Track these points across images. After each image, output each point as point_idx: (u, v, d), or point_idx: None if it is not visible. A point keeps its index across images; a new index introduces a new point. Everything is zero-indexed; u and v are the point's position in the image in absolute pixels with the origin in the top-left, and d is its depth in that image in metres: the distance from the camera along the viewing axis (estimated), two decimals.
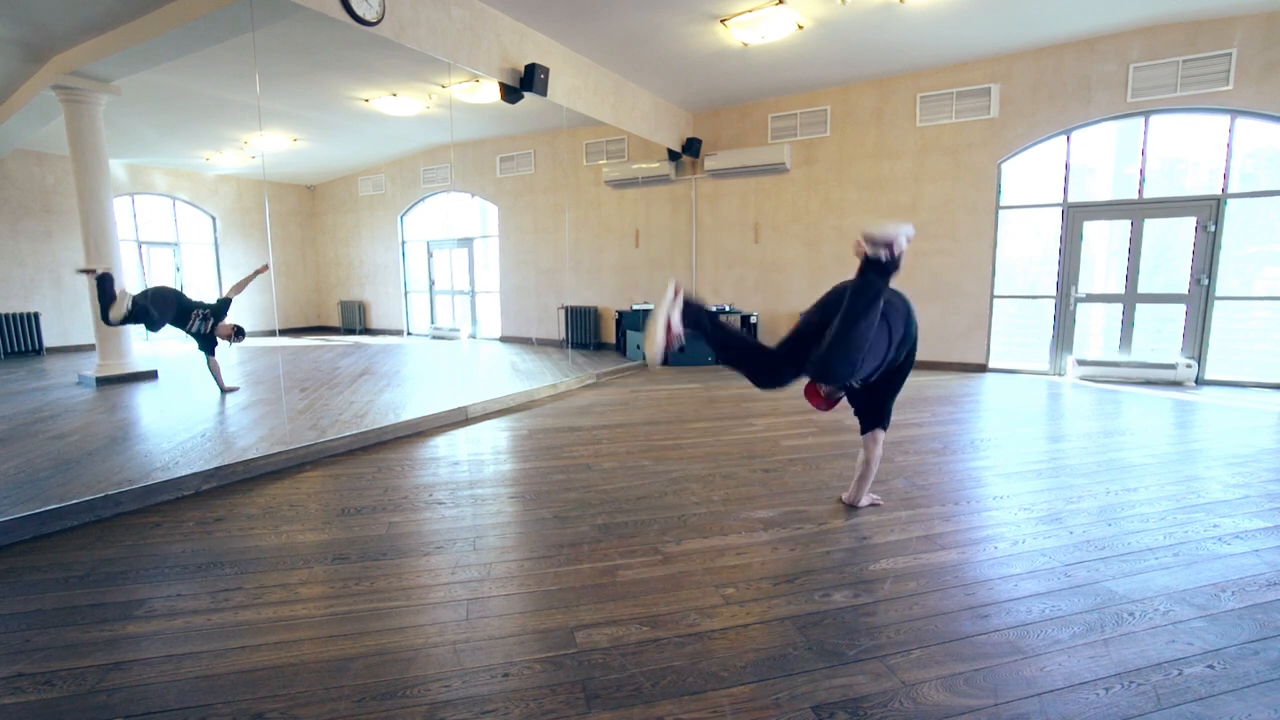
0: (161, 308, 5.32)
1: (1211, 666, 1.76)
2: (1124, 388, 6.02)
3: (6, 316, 8.66)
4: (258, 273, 5.53)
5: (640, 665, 1.80)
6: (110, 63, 5.36)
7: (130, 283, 6.37)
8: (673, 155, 8.35)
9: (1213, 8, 5.45)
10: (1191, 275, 6.08)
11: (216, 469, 3.46)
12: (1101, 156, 6.82)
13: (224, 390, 5.66)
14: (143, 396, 5.68)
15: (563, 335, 9.65)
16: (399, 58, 5.94)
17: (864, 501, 2.98)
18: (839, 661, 1.81)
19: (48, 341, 9.09)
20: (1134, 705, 1.61)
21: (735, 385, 6.46)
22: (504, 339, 10.49)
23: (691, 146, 8.32)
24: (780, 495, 3.18)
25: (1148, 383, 6.17)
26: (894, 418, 4.81)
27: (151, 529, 2.86)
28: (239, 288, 5.50)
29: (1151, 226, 6.28)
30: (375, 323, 12.30)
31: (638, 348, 8.14)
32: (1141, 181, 6.23)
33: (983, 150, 6.79)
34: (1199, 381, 6.09)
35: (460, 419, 4.96)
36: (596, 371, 7.03)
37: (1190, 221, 6.07)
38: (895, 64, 6.77)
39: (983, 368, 7.07)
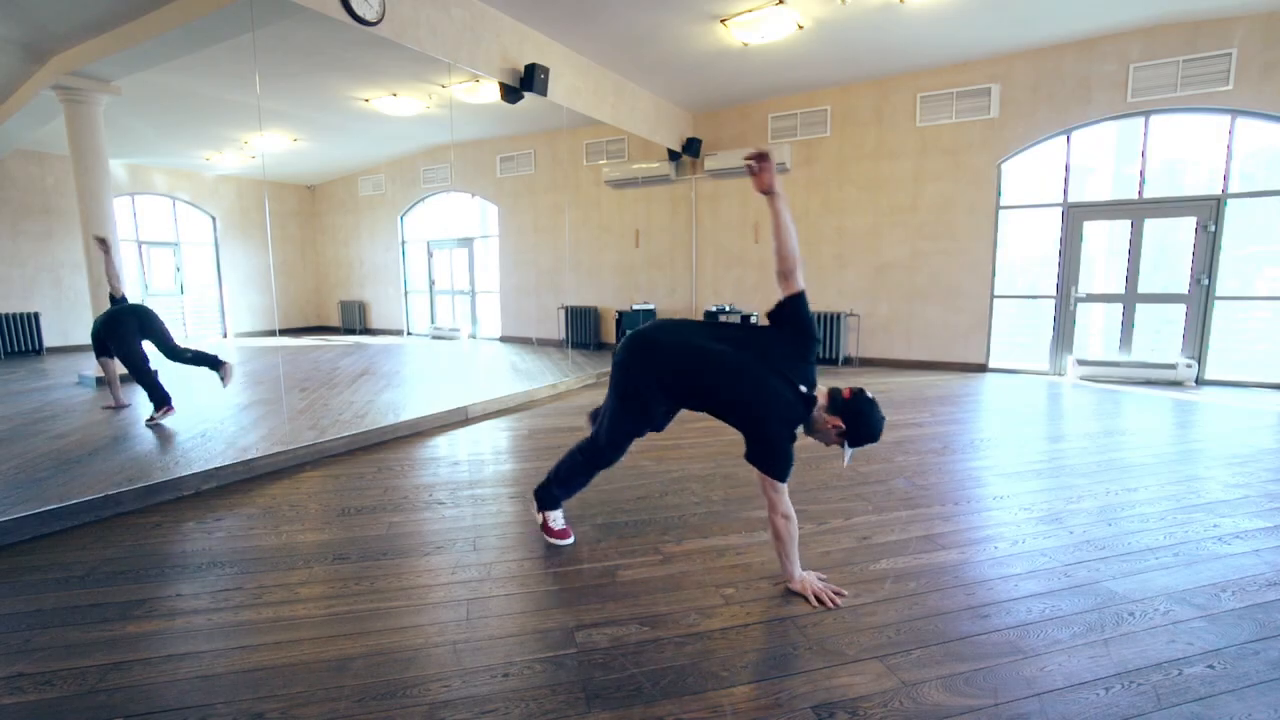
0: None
1: (1211, 666, 1.76)
2: (1124, 388, 6.01)
3: (6, 316, 8.66)
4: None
5: (640, 665, 1.80)
6: (110, 63, 5.36)
7: (131, 283, 6.35)
8: (673, 155, 8.35)
9: (1213, 8, 5.45)
10: (1191, 275, 6.08)
11: (216, 469, 3.46)
12: (1101, 156, 6.82)
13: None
14: (143, 396, 5.67)
15: (563, 335, 9.65)
16: (399, 58, 5.94)
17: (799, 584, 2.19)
18: (839, 661, 1.81)
19: (48, 341, 9.07)
20: (1134, 705, 1.61)
21: None
22: (504, 339, 10.48)
23: (691, 146, 8.32)
24: None
25: (1148, 383, 6.17)
26: (896, 417, 4.85)
27: (152, 529, 2.86)
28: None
29: (1151, 226, 6.28)
30: (375, 323, 12.30)
31: None
32: (1141, 181, 6.23)
33: (983, 150, 6.79)
34: (1199, 381, 6.09)
35: (460, 419, 4.96)
36: (596, 371, 7.03)
37: (1190, 221, 6.07)
38: (895, 64, 6.77)
39: (983, 368, 7.07)
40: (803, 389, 2.09)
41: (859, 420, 2.07)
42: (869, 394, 2.12)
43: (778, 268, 2.14)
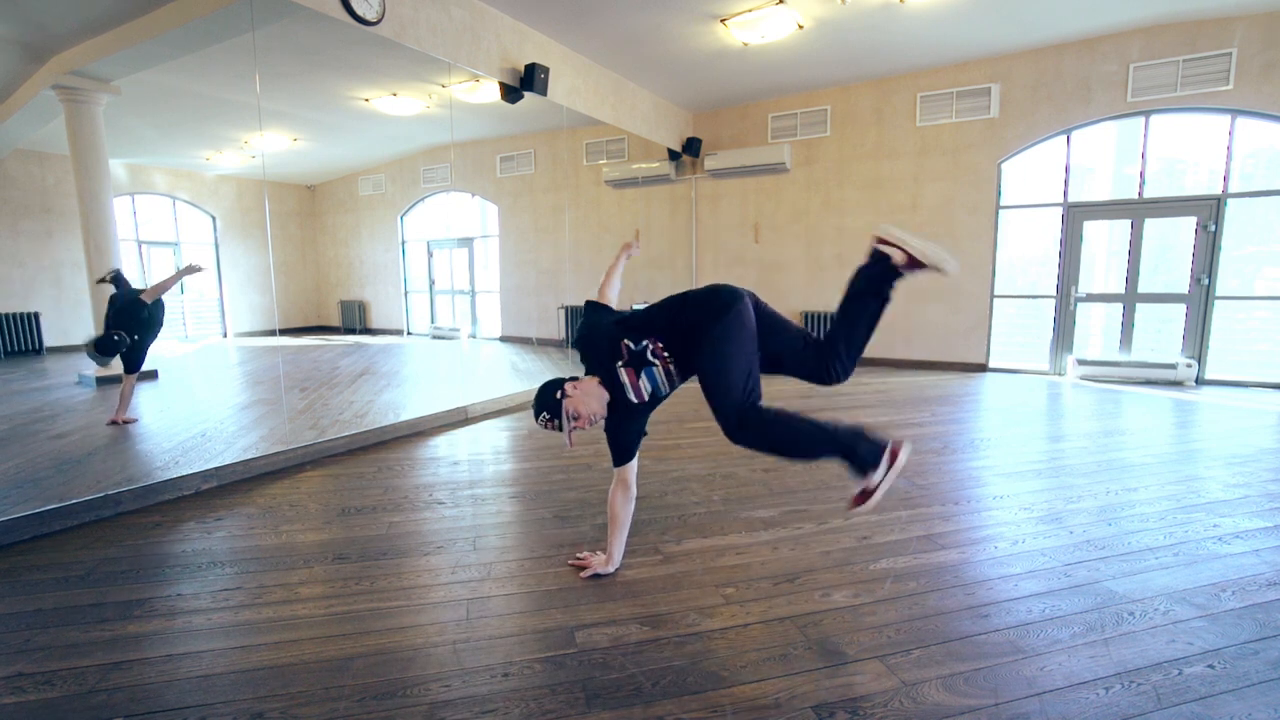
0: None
1: (1211, 666, 1.76)
2: (1124, 387, 6.01)
3: (6, 316, 8.64)
4: (183, 273, 5.09)
5: (640, 665, 1.80)
6: (110, 63, 5.36)
7: (131, 282, 6.33)
8: (673, 155, 8.35)
9: (1213, 8, 5.45)
10: (1191, 275, 6.07)
11: (216, 469, 3.46)
12: (1101, 156, 6.82)
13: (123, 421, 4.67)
14: (143, 396, 5.67)
15: (563, 335, 9.64)
16: (399, 58, 5.93)
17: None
18: (839, 661, 1.81)
19: (48, 341, 9.05)
20: (1134, 705, 1.61)
21: None
22: (504, 339, 10.48)
23: (691, 146, 8.32)
24: (780, 495, 3.18)
25: (1148, 382, 6.17)
26: (896, 417, 4.86)
27: (152, 529, 2.86)
28: (161, 288, 4.91)
29: (1151, 226, 6.28)
30: (375, 322, 12.30)
31: None
32: (1141, 181, 6.22)
33: (983, 150, 6.79)
34: (1199, 381, 6.09)
35: (460, 419, 4.96)
36: None
37: (1190, 221, 6.07)
38: (895, 64, 6.76)
39: (983, 367, 7.07)
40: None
41: None
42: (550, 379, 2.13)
43: None
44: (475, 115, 8.31)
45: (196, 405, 5.25)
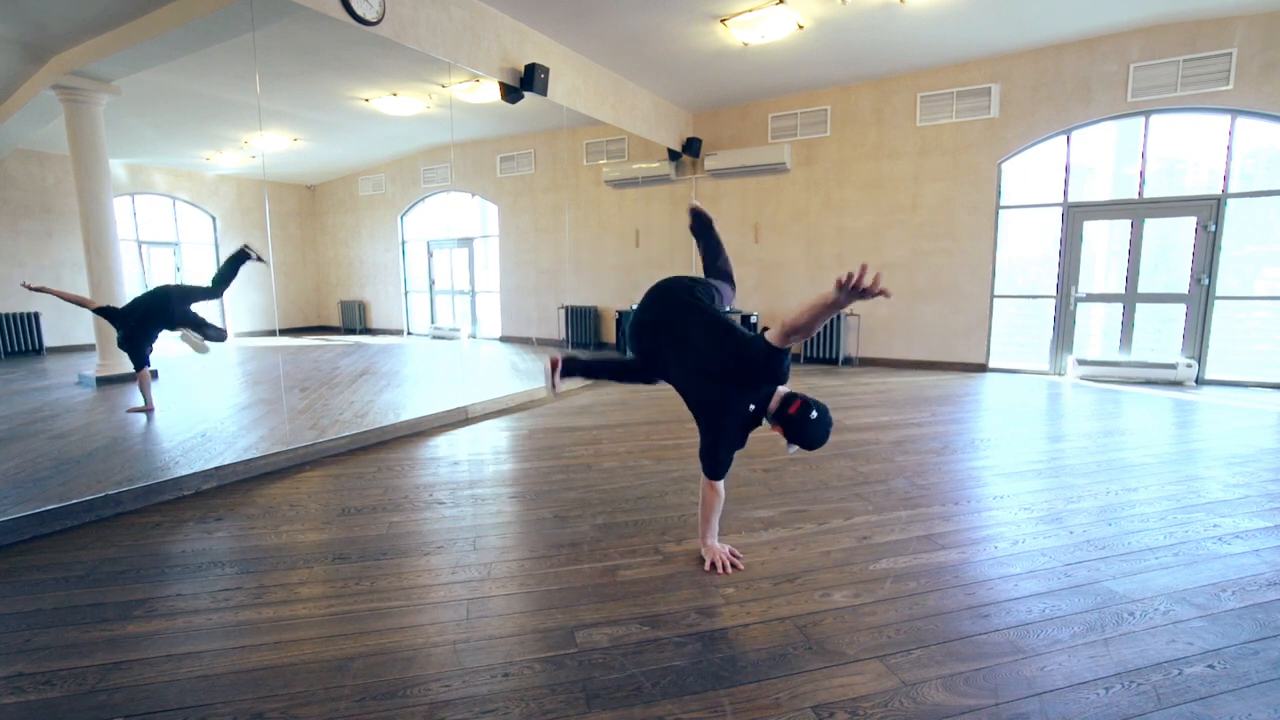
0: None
1: (1211, 666, 1.76)
2: (1124, 387, 6.01)
3: (6, 316, 8.65)
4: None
5: (640, 665, 1.80)
6: (110, 63, 5.36)
7: (131, 281, 6.34)
8: (673, 155, 8.35)
9: (1213, 8, 5.45)
10: (1191, 275, 6.07)
11: (216, 469, 3.46)
12: (1101, 156, 6.82)
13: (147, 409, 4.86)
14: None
15: (563, 335, 9.65)
16: (399, 58, 5.93)
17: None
18: (839, 661, 1.81)
19: (48, 341, 9.07)
20: (1134, 705, 1.61)
21: None
22: (504, 339, 10.48)
23: (691, 146, 8.32)
24: (780, 495, 3.18)
25: (1148, 382, 6.17)
26: (896, 417, 4.86)
27: (151, 529, 2.86)
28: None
29: (1151, 226, 6.28)
30: (375, 322, 12.30)
31: None
32: (1141, 181, 6.22)
33: (983, 150, 6.79)
34: (1199, 381, 6.09)
35: (460, 419, 4.96)
36: None
37: (1190, 221, 6.07)
38: (895, 64, 6.76)
39: (983, 367, 7.07)
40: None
41: (799, 430, 2.23)
42: (813, 409, 2.20)
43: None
44: (475, 115, 8.31)
45: (196, 405, 5.24)
